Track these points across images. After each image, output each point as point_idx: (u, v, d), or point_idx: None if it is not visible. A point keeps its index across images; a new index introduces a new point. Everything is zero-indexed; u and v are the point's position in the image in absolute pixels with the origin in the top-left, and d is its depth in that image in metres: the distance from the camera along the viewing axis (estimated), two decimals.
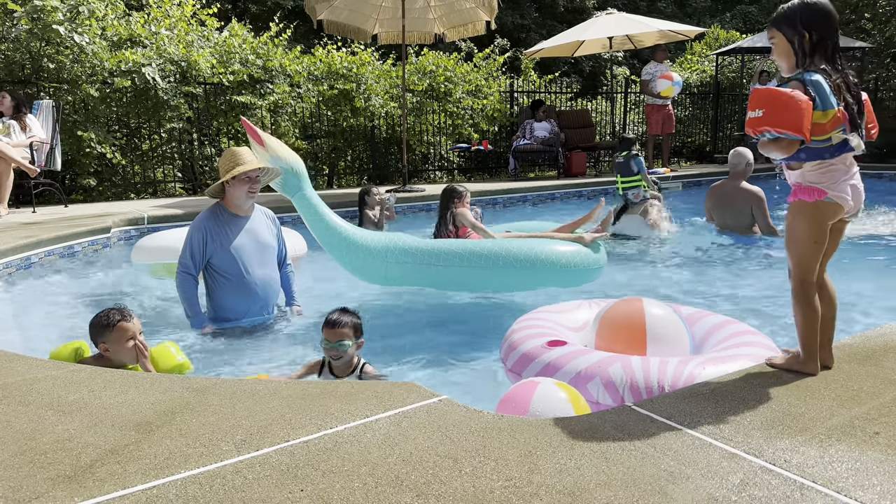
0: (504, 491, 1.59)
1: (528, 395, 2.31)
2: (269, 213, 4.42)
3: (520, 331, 3.14)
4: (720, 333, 3.05)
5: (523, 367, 2.85)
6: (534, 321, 3.26)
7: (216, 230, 4.06)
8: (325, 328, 3.06)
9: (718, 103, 15.03)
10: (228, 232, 4.09)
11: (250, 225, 4.19)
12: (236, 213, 4.15)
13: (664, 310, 3.04)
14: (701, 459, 1.73)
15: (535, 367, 2.80)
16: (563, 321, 3.32)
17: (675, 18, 20.06)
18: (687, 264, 6.02)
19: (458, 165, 12.84)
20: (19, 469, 1.74)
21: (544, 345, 2.90)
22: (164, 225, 6.67)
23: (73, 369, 2.53)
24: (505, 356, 3.05)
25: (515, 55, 14.77)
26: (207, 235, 4.04)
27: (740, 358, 2.65)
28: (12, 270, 5.17)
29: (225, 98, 9.85)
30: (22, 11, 8.27)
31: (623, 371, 2.60)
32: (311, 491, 1.60)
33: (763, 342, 2.90)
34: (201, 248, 4.03)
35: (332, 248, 4.57)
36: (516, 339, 3.05)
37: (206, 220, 4.08)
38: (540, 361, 2.80)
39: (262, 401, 2.15)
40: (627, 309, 3.02)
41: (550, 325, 3.21)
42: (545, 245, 4.71)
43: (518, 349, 2.97)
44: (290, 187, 4.39)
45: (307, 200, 4.44)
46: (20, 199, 7.90)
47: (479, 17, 10.34)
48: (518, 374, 2.87)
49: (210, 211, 4.13)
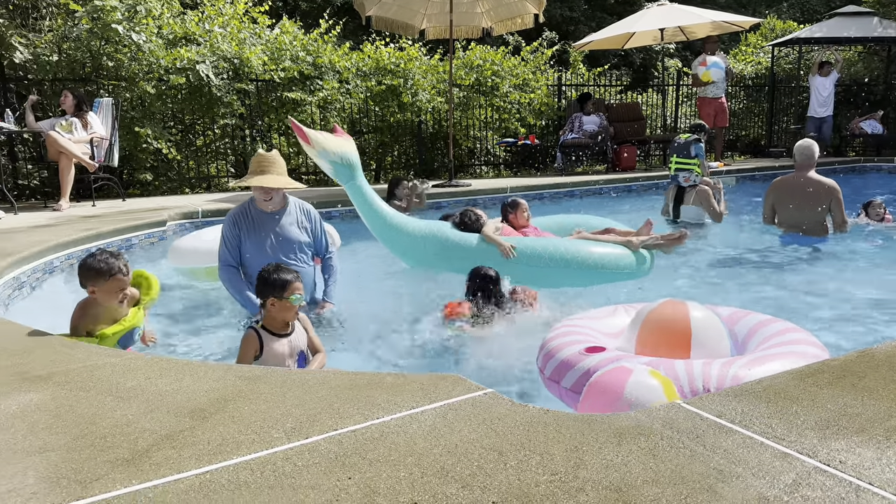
0: (549, 485, 1.59)
1: (621, 382, 2.28)
2: (304, 206, 4.47)
3: (556, 339, 3.09)
4: (763, 332, 2.98)
5: (562, 375, 2.82)
6: (570, 329, 3.20)
7: (246, 224, 4.19)
8: (288, 286, 3.12)
9: (774, 96, 14.62)
10: (258, 226, 4.21)
11: (280, 220, 4.28)
12: (263, 209, 4.25)
13: (706, 312, 2.96)
14: (752, 458, 1.69)
15: (573, 375, 2.76)
16: (600, 327, 3.26)
17: (729, 9, 19.56)
18: (741, 264, 5.87)
19: (505, 160, 12.80)
20: (81, 452, 1.81)
21: (582, 351, 2.85)
22: (217, 219, 6.83)
23: (130, 357, 2.62)
24: (542, 365, 3.01)
25: (564, 48, 14.63)
26: (238, 229, 4.18)
27: (786, 356, 2.59)
28: (73, 262, 5.37)
29: (276, 94, 10.01)
30: (83, 11, 8.55)
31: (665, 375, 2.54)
32: (359, 479, 1.63)
33: (808, 339, 2.83)
34: (236, 241, 4.16)
35: (379, 234, 4.84)
36: (553, 347, 3.00)
37: (237, 215, 4.23)
38: (579, 369, 2.76)
39: (311, 390, 2.20)
40: (671, 312, 2.94)
41: (587, 331, 3.16)
42: (571, 245, 4.81)
43: (556, 357, 2.92)
44: (342, 177, 4.59)
45: (358, 189, 4.65)
46: (81, 193, 8.18)
47: (527, 11, 10.27)
48: (556, 383, 2.83)
49: (241, 206, 4.28)
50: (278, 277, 3.14)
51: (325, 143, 4.50)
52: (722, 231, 7.14)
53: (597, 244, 4.97)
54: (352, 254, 6.09)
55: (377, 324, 4.29)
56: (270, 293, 3.13)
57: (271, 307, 3.15)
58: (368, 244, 6.01)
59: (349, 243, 6.22)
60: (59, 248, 5.23)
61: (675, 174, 7.20)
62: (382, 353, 3.90)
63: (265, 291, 3.15)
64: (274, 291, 3.13)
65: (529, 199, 8.87)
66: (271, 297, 3.13)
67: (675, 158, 7.22)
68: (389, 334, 4.14)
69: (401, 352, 3.91)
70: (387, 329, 4.20)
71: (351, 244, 6.31)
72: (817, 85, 12.89)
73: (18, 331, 3.00)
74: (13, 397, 2.20)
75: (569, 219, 6.13)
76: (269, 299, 3.14)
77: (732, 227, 7.38)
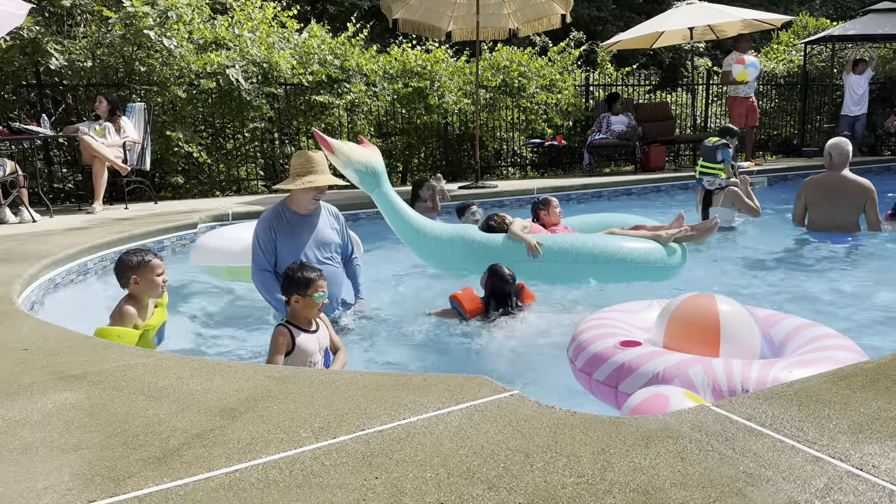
0: (576, 487, 1.58)
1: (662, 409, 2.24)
2: (332, 209, 4.53)
3: (589, 330, 3.05)
4: (802, 336, 2.91)
5: (594, 368, 2.78)
6: (603, 321, 3.16)
7: (280, 227, 4.22)
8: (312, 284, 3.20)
9: (807, 94, 14.37)
10: (292, 229, 4.24)
11: (313, 222, 4.32)
12: (298, 212, 4.29)
13: (735, 306, 2.89)
14: (782, 462, 1.67)
15: (607, 368, 2.72)
16: (633, 321, 3.21)
17: (760, 6, 19.26)
18: (772, 264, 5.79)
19: (532, 161, 12.76)
20: (114, 450, 1.85)
21: (617, 345, 2.81)
22: (248, 221, 6.90)
23: (161, 357, 2.67)
24: (574, 356, 2.97)
25: (591, 48, 14.54)
26: (274, 232, 4.20)
27: (826, 362, 2.53)
28: (107, 264, 5.48)
29: (304, 98, 10.10)
30: (116, 18, 8.72)
31: (704, 374, 2.50)
32: (386, 479, 1.64)
33: (850, 346, 2.77)
34: (271, 245, 4.19)
35: (406, 239, 4.90)
36: (586, 339, 2.96)
37: (271, 219, 4.25)
38: (613, 362, 2.72)
39: (339, 390, 2.22)
40: (698, 305, 2.88)
41: (620, 324, 3.12)
42: (599, 240, 4.79)
43: (588, 349, 2.88)
44: (367, 185, 4.64)
45: (384, 196, 4.70)
46: (114, 196, 8.33)
47: (554, 11, 10.23)
48: (588, 375, 2.81)
49: (274, 210, 4.30)
50: (303, 275, 3.22)
51: (350, 153, 4.58)
52: (752, 232, 7.06)
53: (626, 239, 4.95)
54: (375, 257, 6.13)
55: (401, 324, 4.33)
56: (295, 290, 3.21)
57: (295, 304, 3.23)
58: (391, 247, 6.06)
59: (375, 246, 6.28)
60: (93, 251, 5.34)
61: (700, 178, 7.15)
62: (406, 352, 3.93)
63: (290, 289, 3.23)
64: (298, 289, 3.21)
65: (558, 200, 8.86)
66: (296, 295, 3.20)
67: (701, 161, 7.18)
68: (414, 334, 4.18)
69: (426, 352, 3.94)
70: (411, 329, 4.24)
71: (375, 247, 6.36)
72: (852, 83, 12.65)
73: (53, 331, 3.07)
74: (49, 396, 2.26)
75: (598, 218, 6.12)
76: (293, 296, 3.21)
77: (763, 227, 7.28)
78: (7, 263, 4.56)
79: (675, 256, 4.92)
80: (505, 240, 4.93)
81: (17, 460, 1.81)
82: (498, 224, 5.18)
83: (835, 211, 6.19)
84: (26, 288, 4.16)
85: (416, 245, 5.00)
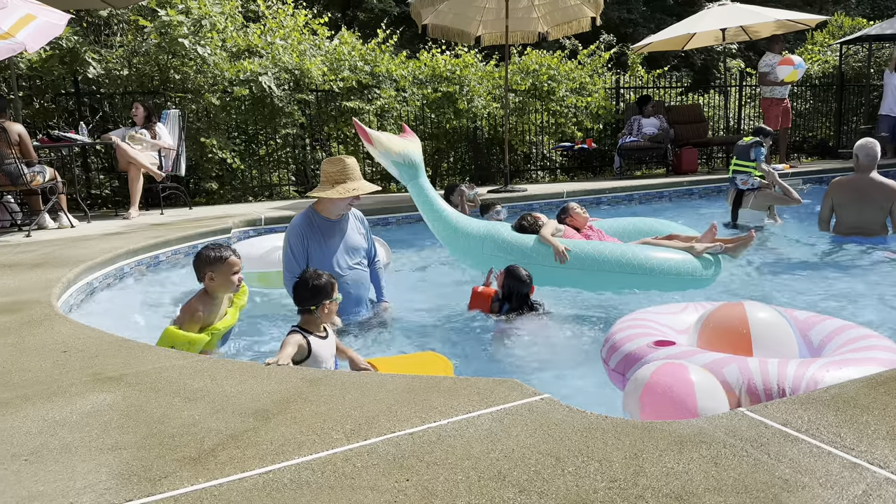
0: (608, 492, 1.57)
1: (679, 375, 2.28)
2: (357, 213, 4.58)
3: (623, 330, 3.07)
4: (841, 337, 2.87)
5: (628, 367, 2.79)
6: (637, 321, 3.18)
7: (312, 234, 4.27)
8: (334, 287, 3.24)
9: (843, 95, 14.08)
10: (322, 235, 4.29)
11: (343, 227, 4.37)
12: (328, 218, 4.33)
13: (769, 313, 2.89)
14: (819, 468, 1.64)
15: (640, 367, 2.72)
16: (668, 322, 3.22)
17: (795, 6, 18.96)
18: (801, 266, 5.71)
19: (561, 165, 12.70)
20: (150, 450, 1.88)
21: (651, 344, 2.82)
22: (280, 226, 6.99)
23: (196, 359, 2.71)
24: (607, 356, 2.99)
25: (622, 51, 14.43)
26: (306, 239, 4.25)
27: (866, 362, 2.48)
28: (143, 268, 5.58)
29: (335, 104, 10.20)
30: (151, 27, 8.90)
31: (739, 372, 2.49)
32: (417, 481, 1.65)
33: (890, 346, 2.71)
34: (303, 251, 4.24)
35: (439, 233, 4.91)
36: (620, 339, 2.98)
37: (301, 226, 4.30)
38: (646, 361, 2.72)
39: (370, 393, 2.23)
40: (729, 313, 2.90)
41: (654, 325, 3.13)
42: (628, 250, 4.75)
43: (622, 349, 2.90)
44: (405, 176, 4.69)
45: (420, 188, 4.74)
46: (149, 201, 8.49)
47: (584, 14, 10.19)
48: (621, 375, 2.82)
49: (304, 216, 4.35)
50: (327, 281, 3.26)
51: (388, 144, 4.60)
52: (781, 233, 7.00)
53: (657, 249, 4.89)
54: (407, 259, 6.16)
55: (425, 326, 4.38)
56: (323, 297, 3.22)
57: (322, 311, 3.23)
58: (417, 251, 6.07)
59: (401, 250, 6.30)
60: (130, 255, 5.44)
61: (733, 176, 7.22)
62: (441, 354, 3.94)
63: (318, 297, 3.22)
64: (326, 295, 3.23)
65: (587, 203, 8.81)
66: (324, 302, 3.21)
67: (734, 160, 7.29)
68: (438, 337, 4.21)
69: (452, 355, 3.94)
70: (435, 331, 4.28)
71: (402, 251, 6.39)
72: (894, 83, 12.34)
73: (92, 334, 3.14)
74: (88, 397, 2.31)
75: (633, 222, 6.07)
76: (322, 304, 3.21)
77: (791, 228, 7.22)
78: (47, 268, 4.68)
79: (709, 269, 4.85)
80: (535, 242, 4.91)
81: (58, 459, 1.86)
82: (530, 225, 5.17)
83: (861, 213, 6.15)
84: (65, 292, 4.26)
85: (448, 240, 5.03)
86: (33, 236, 6.39)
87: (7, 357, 2.81)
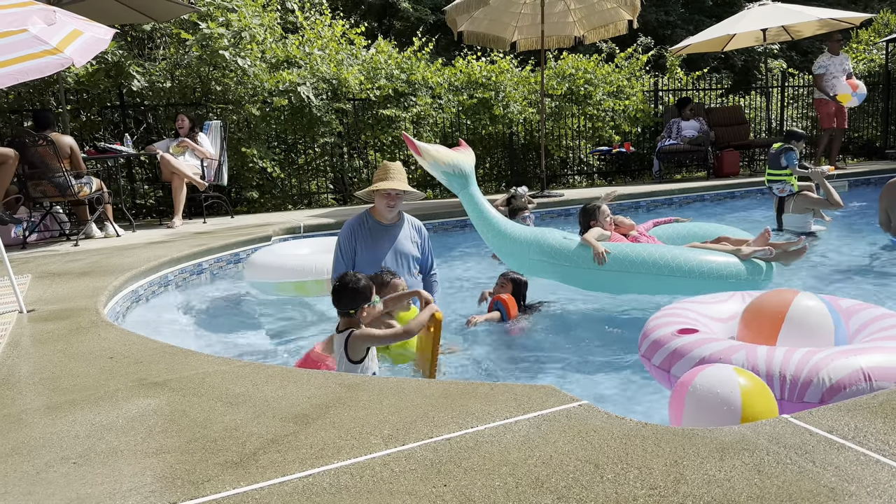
0: (648, 499, 1.55)
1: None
2: (415, 222, 4.62)
3: (659, 318, 3.23)
4: (876, 325, 2.91)
5: (652, 353, 2.98)
6: (675, 311, 3.31)
7: (362, 235, 4.35)
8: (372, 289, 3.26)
9: (889, 94, 13.69)
10: (372, 237, 4.35)
11: (394, 233, 4.42)
12: (380, 221, 4.38)
13: (814, 302, 2.91)
14: (866, 476, 1.59)
15: (662, 353, 2.91)
16: (708, 312, 3.33)
17: (838, 5, 18.51)
18: (852, 269, 5.58)
19: (599, 169, 12.59)
20: (193, 454, 1.92)
21: (674, 332, 2.97)
22: (319, 233, 7.07)
23: (238, 364, 2.76)
24: (640, 342, 3.17)
25: (660, 53, 14.26)
26: (354, 238, 4.34)
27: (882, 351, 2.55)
28: (186, 276, 5.70)
29: (372, 112, 10.29)
30: (193, 40, 9.11)
31: (746, 360, 2.59)
32: (454, 487, 1.65)
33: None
34: (351, 252, 4.31)
35: (489, 239, 5.08)
36: (652, 327, 3.16)
37: (353, 226, 4.41)
38: (667, 348, 2.90)
39: (407, 398, 2.24)
40: (773, 299, 2.99)
41: (692, 315, 3.23)
42: (668, 253, 4.69)
43: (650, 336, 3.08)
44: (455, 185, 4.81)
45: (470, 196, 4.86)
46: (192, 211, 8.67)
47: (620, 17, 10.10)
48: (648, 360, 2.99)
49: (358, 217, 4.45)
50: (366, 284, 3.22)
51: (437, 155, 4.68)
52: (830, 237, 6.83)
53: (702, 252, 4.82)
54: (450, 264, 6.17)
55: (460, 331, 4.41)
56: (362, 301, 3.20)
57: (361, 314, 3.21)
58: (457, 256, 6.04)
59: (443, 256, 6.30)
60: (173, 263, 5.56)
61: (769, 186, 7.11)
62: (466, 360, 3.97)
63: (357, 300, 3.19)
64: (365, 299, 3.21)
65: (626, 207, 8.73)
66: (364, 305, 3.20)
67: (768, 170, 7.23)
68: (472, 342, 4.24)
69: (487, 361, 3.96)
70: (469, 337, 4.30)
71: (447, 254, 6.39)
72: None
73: (137, 340, 3.22)
74: (133, 402, 2.37)
75: (687, 227, 6.02)
76: (362, 307, 3.21)
77: (842, 232, 7.04)
78: (93, 276, 4.81)
79: (756, 273, 4.75)
80: (577, 246, 4.90)
81: (105, 462, 1.91)
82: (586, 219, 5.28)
83: None
84: (111, 299, 4.37)
85: (498, 246, 5.12)
86: (81, 245, 6.57)
87: (56, 363, 2.90)
